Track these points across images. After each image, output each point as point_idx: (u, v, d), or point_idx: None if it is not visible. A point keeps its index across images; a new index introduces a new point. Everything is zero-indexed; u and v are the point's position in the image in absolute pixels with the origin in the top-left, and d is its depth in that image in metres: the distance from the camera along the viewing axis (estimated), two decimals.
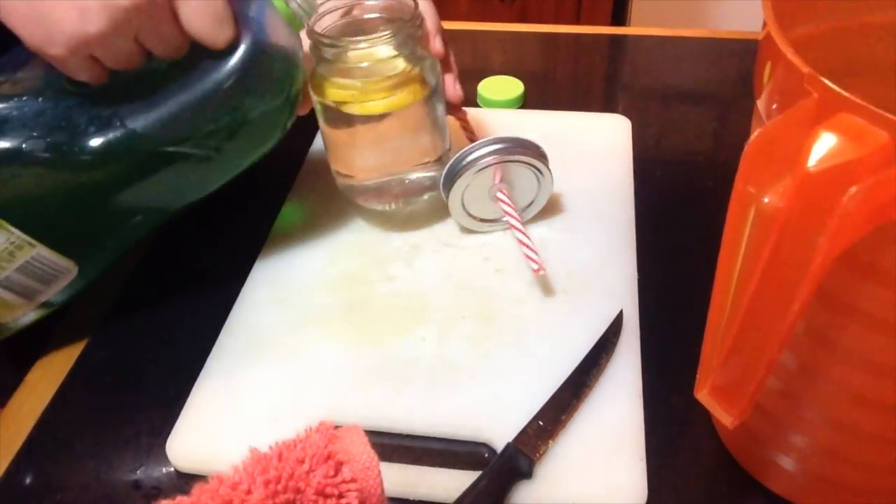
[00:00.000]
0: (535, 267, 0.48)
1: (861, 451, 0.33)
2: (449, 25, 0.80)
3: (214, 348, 0.46)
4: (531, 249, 0.49)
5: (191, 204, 0.46)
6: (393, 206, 0.53)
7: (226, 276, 0.52)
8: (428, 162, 0.51)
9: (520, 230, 0.50)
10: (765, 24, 0.28)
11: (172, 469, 0.41)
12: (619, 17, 1.62)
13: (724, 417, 0.30)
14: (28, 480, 0.41)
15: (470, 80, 0.70)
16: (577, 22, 1.54)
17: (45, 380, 0.47)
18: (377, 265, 0.51)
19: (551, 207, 0.54)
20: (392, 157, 0.50)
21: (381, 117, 0.47)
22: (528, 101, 0.68)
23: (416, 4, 0.46)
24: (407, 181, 0.52)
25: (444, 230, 0.54)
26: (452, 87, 0.52)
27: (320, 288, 0.50)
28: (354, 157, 0.51)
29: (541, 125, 0.62)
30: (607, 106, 0.70)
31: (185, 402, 0.43)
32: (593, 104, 0.70)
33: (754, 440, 0.38)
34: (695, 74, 0.73)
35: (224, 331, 0.47)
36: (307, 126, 0.52)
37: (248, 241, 0.54)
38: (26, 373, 0.47)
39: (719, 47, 0.76)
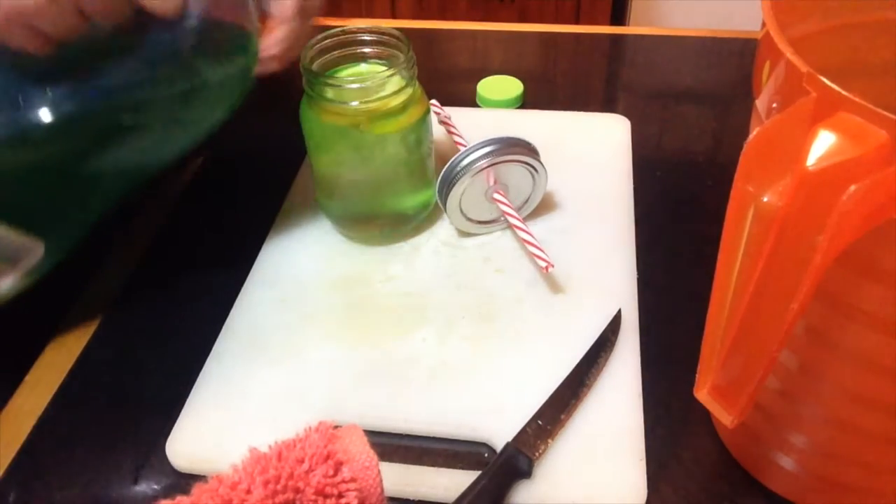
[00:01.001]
0: (544, 265, 0.47)
1: (861, 451, 0.33)
2: (449, 25, 0.81)
3: (214, 348, 0.46)
4: (537, 247, 0.48)
5: (156, 171, 0.45)
6: (378, 235, 0.53)
7: (226, 276, 0.52)
8: (414, 191, 0.51)
9: (523, 229, 0.50)
10: (764, 24, 0.28)
11: (172, 469, 0.41)
12: (619, 16, 1.62)
13: (724, 417, 0.30)
14: (28, 480, 0.41)
15: (469, 79, 0.70)
16: (577, 21, 1.54)
17: (45, 380, 0.47)
18: (377, 265, 0.51)
19: (551, 207, 0.55)
20: (379, 186, 0.50)
21: (370, 145, 0.47)
22: (527, 101, 0.68)
23: (409, 44, 0.47)
24: (394, 211, 0.52)
25: (444, 231, 0.54)
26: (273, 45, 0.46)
27: (320, 288, 0.50)
28: (341, 185, 0.51)
29: (540, 125, 0.62)
30: (607, 106, 0.70)
31: (185, 401, 0.43)
32: (593, 104, 0.70)
33: (754, 440, 0.38)
34: (694, 74, 0.73)
35: (224, 331, 0.47)
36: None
37: (247, 240, 0.54)
38: (26, 373, 0.48)
39: (719, 47, 0.76)
